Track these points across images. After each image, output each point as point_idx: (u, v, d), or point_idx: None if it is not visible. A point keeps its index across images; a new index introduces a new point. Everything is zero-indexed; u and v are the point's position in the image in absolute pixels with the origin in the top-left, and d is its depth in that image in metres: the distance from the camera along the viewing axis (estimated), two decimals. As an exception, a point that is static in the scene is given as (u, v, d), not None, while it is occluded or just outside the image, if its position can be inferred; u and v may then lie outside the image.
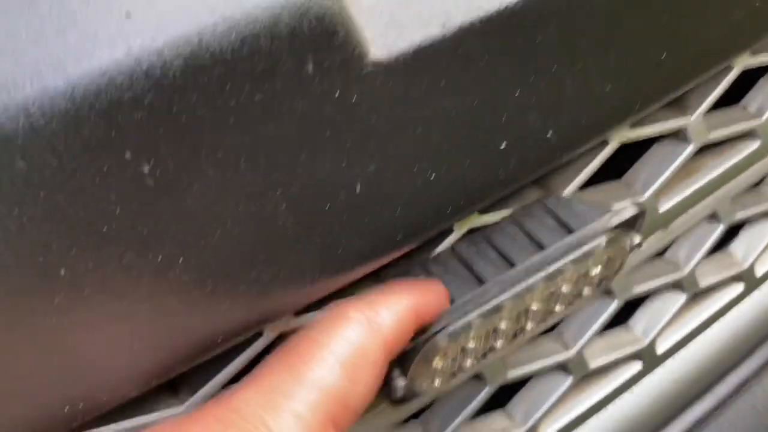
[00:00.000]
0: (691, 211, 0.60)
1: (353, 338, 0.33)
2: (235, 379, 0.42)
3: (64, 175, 0.26)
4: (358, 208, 0.33)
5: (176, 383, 0.42)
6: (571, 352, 0.57)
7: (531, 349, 0.57)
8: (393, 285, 0.38)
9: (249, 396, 0.31)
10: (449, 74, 0.33)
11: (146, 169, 0.28)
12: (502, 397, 0.60)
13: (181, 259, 0.29)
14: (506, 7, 0.34)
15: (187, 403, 0.39)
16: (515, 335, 0.45)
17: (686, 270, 0.62)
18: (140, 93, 0.27)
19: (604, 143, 0.49)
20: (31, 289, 0.27)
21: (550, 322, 0.47)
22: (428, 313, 0.39)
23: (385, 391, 0.42)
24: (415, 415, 0.54)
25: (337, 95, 0.31)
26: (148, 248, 0.28)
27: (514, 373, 0.55)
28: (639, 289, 0.59)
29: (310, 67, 0.30)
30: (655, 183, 0.52)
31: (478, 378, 0.54)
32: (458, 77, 0.34)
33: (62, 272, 0.27)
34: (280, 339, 0.41)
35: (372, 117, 0.32)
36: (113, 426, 0.37)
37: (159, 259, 0.29)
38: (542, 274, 0.42)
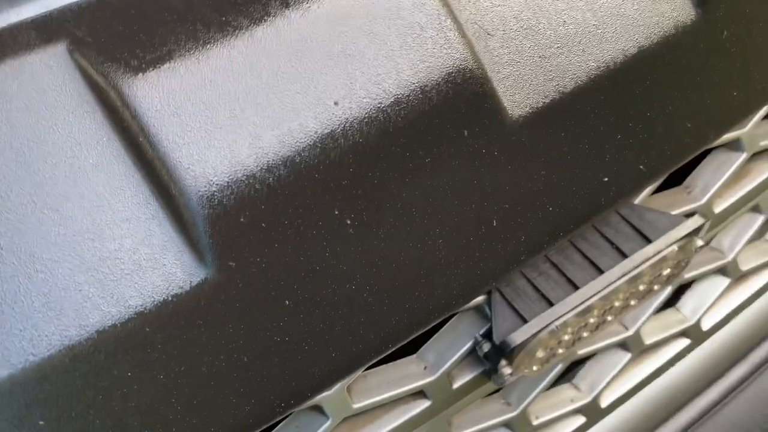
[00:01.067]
0: (740, 209, 0.68)
1: None
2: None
3: (291, 230, 0.34)
4: (494, 236, 0.40)
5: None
6: (630, 332, 0.65)
7: (597, 330, 0.65)
8: None
9: None
10: (567, 126, 0.40)
11: (348, 221, 0.35)
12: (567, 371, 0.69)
13: (367, 287, 0.37)
14: (613, 64, 0.41)
15: (334, 388, 0.48)
16: (597, 326, 0.53)
17: (730, 257, 0.70)
18: (346, 162, 0.34)
19: (672, 158, 0.56)
20: (263, 315, 0.35)
21: (625, 314, 0.55)
22: None
23: (492, 376, 0.51)
24: (496, 390, 0.63)
25: (483, 151, 0.38)
26: (348, 280, 0.36)
27: (583, 351, 0.63)
28: (689, 275, 0.67)
29: (465, 132, 0.37)
30: (712, 189, 0.59)
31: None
32: (574, 128, 0.41)
33: (287, 302, 0.35)
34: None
35: (508, 166, 0.39)
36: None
37: (353, 287, 0.37)
38: (627, 278, 0.50)
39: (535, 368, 0.51)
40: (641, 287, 0.52)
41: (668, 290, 0.66)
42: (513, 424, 0.62)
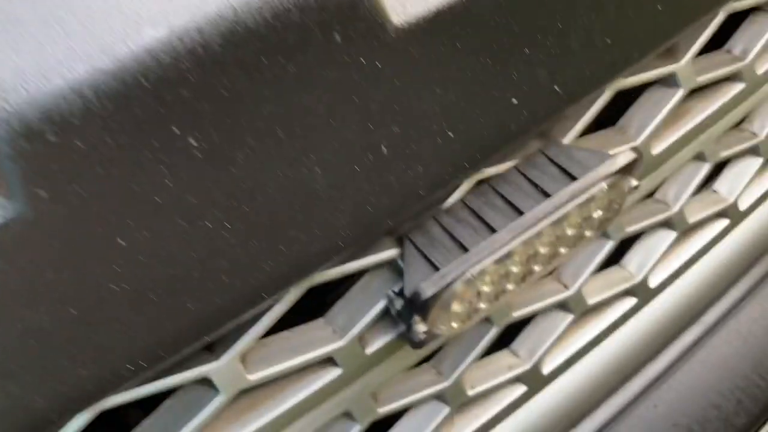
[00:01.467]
0: (680, 153, 0.63)
1: None
2: (270, 331, 0.45)
3: (119, 151, 0.28)
4: (385, 166, 0.35)
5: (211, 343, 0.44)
6: (571, 291, 0.61)
7: (533, 291, 0.60)
8: None
9: None
10: (463, 36, 0.35)
11: (193, 141, 0.29)
12: (508, 337, 0.64)
13: (226, 224, 0.31)
14: (514, -31, 0.35)
15: (223, 359, 0.42)
16: (524, 277, 0.48)
17: (675, 208, 0.66)
18: (184, 70, 0.28)
19: (601, 91, 0.52)
20: (92, 260, 0.29)
21: (555, 264, 0.50)
22: None
23: (406, 336, 0.45)
24: (427, 360, 0.58)
25: (363, 62, 0.32)
26: (197, 215, 0.30)
27: (519, 314, 0.58)
28: (632, 228, 0.63)
29: (338, 37, 0.31)
30: (648, 128, 0.55)
31: (485, 320, 0.58)
32: (471, 38, 0.35)
33: (120, 242, 0.29)
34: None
35: (395, 82, 0.34)
36: (158, 383, 0.40)
37: (207, 225, 0.31)
38: (550, 219, 0.45)
39: (454, 325, 0.46)
40: (569, 232, 0.47)
41: (609, 245, 0.61)
42: (446, 395, 0.57)
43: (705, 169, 0.67)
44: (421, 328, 0.44)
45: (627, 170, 0.48)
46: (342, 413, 0.51)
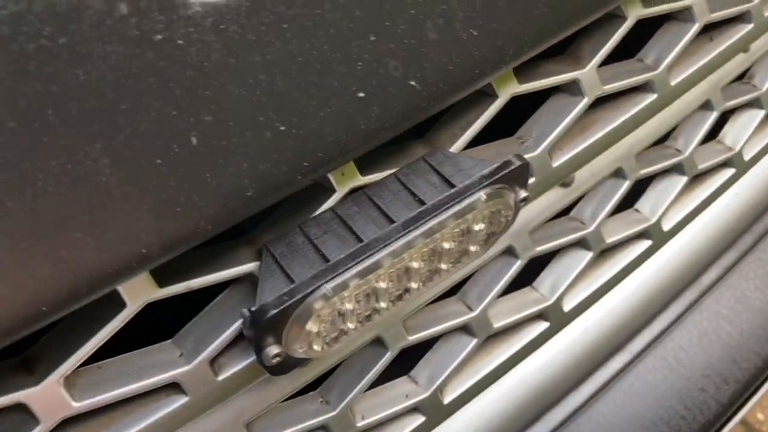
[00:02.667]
0: (595, 167, 0.60)
1: None
2: (104, 352, 0.40)
3: None
4: (196, 161, 0.30)
5: (30, 361, 0.39)
6: (475, 313, 0.56)
7: (434, 312, 0.56)
8: None
9: None
10: (292, 15, 0.31)
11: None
12: (411, 363, 0.59)
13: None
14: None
15: (43, 384, 0.37)
16: (400, 296, 0.44)
17: (592, 227, 0.62)
18: None
19: (494, 96, 0.48)
20: None
21: (439, 281, 0.46)
22: None
23: (259, 359, 0.40)
24: (314, 386, 0.53)
25: (158, 38, 0.28)
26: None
27: (415, 336, 0.53)
28: (542, 247, 0.59)
29: (123, 7, 0.27)
30: (548, 137, 0.51)
31: (378, 343, 0.53)
32: (302, 19, 0.31)
33: None
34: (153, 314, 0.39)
35: (203, 63, 0.29)
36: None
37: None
38: (420, 230, 0.40)
39: (316, 347, 0.41)
40: (447, 245, 0.43)
41: (517, 264, 0.57)
42: (332, 426, 0.52)
43: (624, 186, 0.63)
44: (272, 350, 0.39)
45: (513, 180, 0.44)
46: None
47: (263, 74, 0.31)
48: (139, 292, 0.38)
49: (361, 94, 0.34)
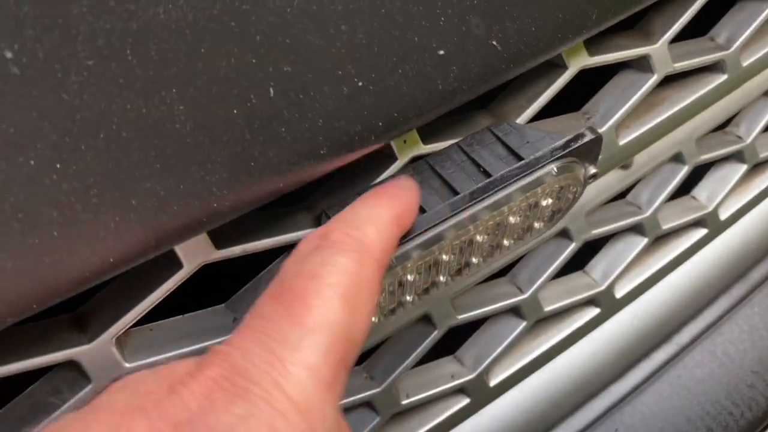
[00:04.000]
0: (654, 150, 0.57)
1: (347, 266, 0.29)
2: (154, 315, 0.39)
3: None
4: (273, 114, 0.29)
5: (83, 318, 0.38)
6: (525, 296, 0.54)
7: (483, 292, 0.54)
8: (369, 197, 0.34)
9: (252, 352, 0.26)
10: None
11: (9, 54, 0.23)
12: (457, 343, 0.58)
13: (58, 165, 0.25)
14: None
15: (96, 342, 0.36)
16: (460, 270, 0.42)
17: (648, 212, 0.60)
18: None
19: (563, 68, 0.46)
20: None
21: (498, 258, 0.44)
22: (409, 217, 0.35)
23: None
24: (359, 362, 0.52)
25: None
26: (18, 150, 0.24)
27: (464, 315, 0.52)
28: (598, 230, 0.57)
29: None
30: (616, 114, 0.49)
31: (427, 321, 0.52)
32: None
33: None
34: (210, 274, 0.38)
35: (284, 8, 0.28)
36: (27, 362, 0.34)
37: (30, 164, 0.25)
38: (486, 202, 0.39)
39: (374, 319, 0.39)
40: (512, 220, 0.41)
41: (571, 247, 0.55)
42: (376, 402, 0.50)
43: (683, 172, 0.61)
44: (331, 318, 0.38)
45: (584, 155, 0.42)
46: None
47: (344, 24, 0.29)
48: (196, 253, 0.36)
49: (441, 52, 0.32)
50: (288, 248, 0.41)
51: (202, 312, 0.40)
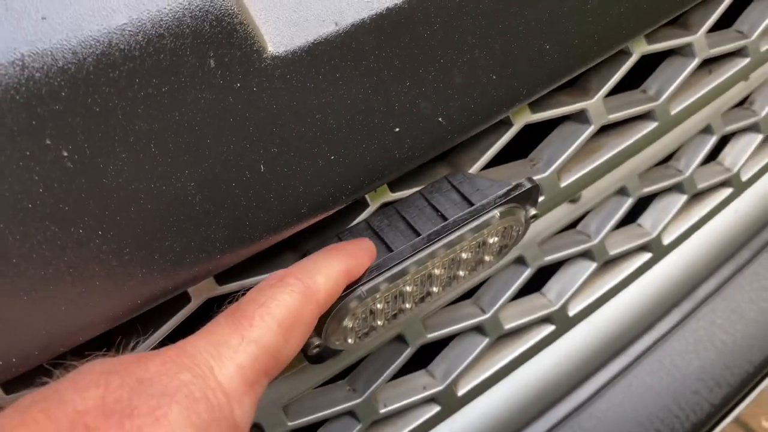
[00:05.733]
0: (600, 185, 0.66)
1: (290, 303, 0.37)
2: (170, 339, 0.47)
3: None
4: (263, 185, 0.37)
5: (111, 344, 0.46)
6: (487, 316, 0.63)
7: (450, 313, 0.62)
8: (329, 250, 0.43)
9: (201, 345, 0.34)
10: (342, 67, 0.38)
11: (65, 153, 0.32)
12: (428, 358, 0.65)
13: (99, 231, 0.33)
14: (394, 6, 0.38)
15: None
16: (423, 298, 0.50)
17: (596, 240, 0.68)
18: (57, 87, 0.31)
19: (509, 124, 0.54)
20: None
21: (456, 287, 0.52)
22: (359, 271, 0.44)
23: (302, 349, 0.47)
24: (342, 376, 0.60)
25: (238, 86, 0.35)
26: (70, 222, 0.33)
27: (433, 334, 0.60)
28: (550, 257, 0.65)
29: (212, 62, 0.34)
30: (557, 161, 0.57)
31: (400, 340, 0.60)
32: (351, 69, 0.38)
33: (-7, 243, 0.31)
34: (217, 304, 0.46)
35: (272, 105, 0.36)
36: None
37: (80, 232, 0.33)
38: (442, 242, 0.47)
39: (350, 341, 0.47)
40: (465, 255, 0.49)
41: (527, 272, 0.64)
42: (358, 412, 0.58)
43: (627, 203, 0.69)
44: (314, 341, 0.46)
45: (524, 200, 0.51)
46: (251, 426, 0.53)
47: (318, 114, 0.38)
48: (202, 290, 0.44)
49: (397, 129, 0.41)
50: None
51: (207, 337, 0.48)
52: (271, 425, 0.54)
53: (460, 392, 0.64)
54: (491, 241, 0.50)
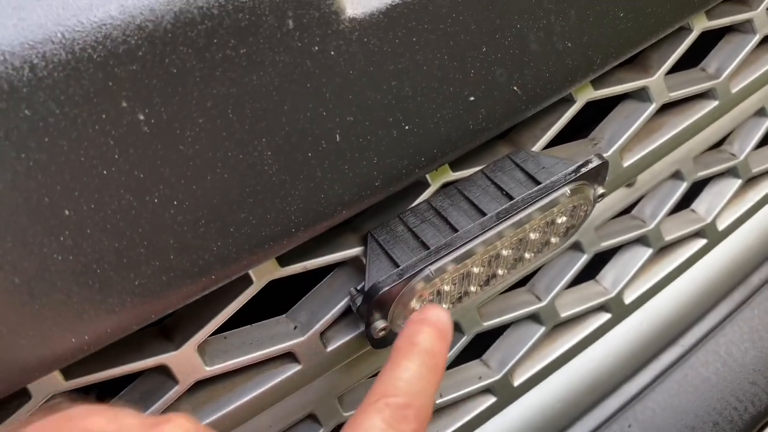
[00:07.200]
0: (655, 169, 0.64)
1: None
2: (229, 324, 0.45)
3: (66, 122, 0.28)
4: (339, 155, 0.35)
5: (168, 330, 0.44)
6: (543, 303, 0.60)
7: (505, 301, 0.60)
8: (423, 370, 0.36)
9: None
10: (420, 31, 0.36)
11: (141, 116, 0.30)
12: (483, 348, 0.63)
13: (174, 201, 0.32)
14: (472, -32, 0.36)
15: (182, 349, 0.42)
16: (488, 280, 0.48)
17: (652, 225, 0.66)
18: (134, 46, 0.29)
19: (571, 101, 0.52)
20: (37, 228, 0.29)
21: (521, 270, 0.50)
22: None
23: (366, 334, 0.45)
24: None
25: (316, 49, 0.33)
26: (144, 191, 0.31)
27: (489, 323, 0.58)
28: (606, 243, 0.63)
29: (290, 23, 0.32)
30: (619, 140, 0.55)
31: (456, 328, 0.58)
32: (428, 33, 0.36)
33: (66, 212, 0.30)
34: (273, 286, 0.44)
35: (349, 70, 0.34)
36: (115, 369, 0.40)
37: (154, 201, 0.31)
38: (511, 221, 0.45)
39: (415, 325, 0.45)
40: (532, 236, 0.47)
41: (583, 258, 0.62)
42: (413, 403, 0.56)
43: (682, 187, 0.67)
44: (380, 324, 0.44)
45: (593, 178, 0.49)
46: (306, 415, 0.51)
47: (395, 81, 0.36)
48: (264, 271, 0.43)
49: (472, 98, 0.39)
50: (339, 264, 0.47)
51: (267, 321, 0.46)
52: (327, 415, 0.52)
53: (516, 382, 0.62)
54: (560, 221, 0.48)
